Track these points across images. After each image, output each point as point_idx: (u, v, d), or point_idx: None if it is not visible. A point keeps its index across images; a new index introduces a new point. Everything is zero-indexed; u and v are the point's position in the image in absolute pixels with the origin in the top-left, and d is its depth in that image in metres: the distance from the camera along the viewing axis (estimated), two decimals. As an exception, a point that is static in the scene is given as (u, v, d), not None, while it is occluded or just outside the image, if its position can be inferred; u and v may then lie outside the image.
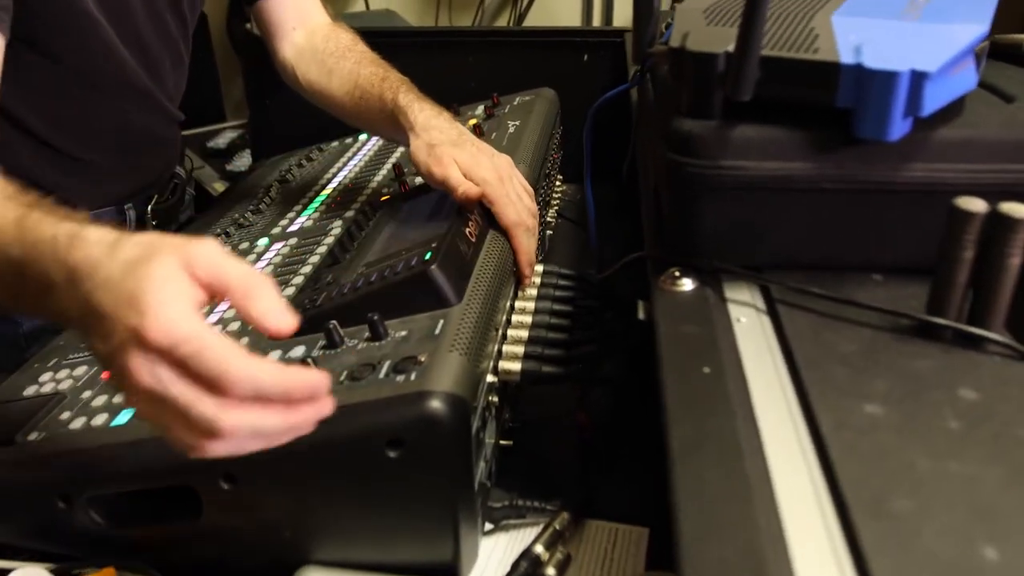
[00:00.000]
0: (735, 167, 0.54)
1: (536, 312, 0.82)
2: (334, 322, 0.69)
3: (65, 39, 0.92)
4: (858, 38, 0.52)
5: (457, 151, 0.86)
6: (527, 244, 0.85)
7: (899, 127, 0.50)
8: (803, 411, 0.45)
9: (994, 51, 0.65)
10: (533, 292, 0.85)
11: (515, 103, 1.30)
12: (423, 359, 0.63)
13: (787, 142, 0.53)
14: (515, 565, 0.64)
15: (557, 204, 1.28)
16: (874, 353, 0.49)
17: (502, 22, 2.18)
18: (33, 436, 0.69)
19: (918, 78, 0.49)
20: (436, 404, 0.58)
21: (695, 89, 0.55)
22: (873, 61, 0.49)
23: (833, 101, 0.52)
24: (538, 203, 0.94)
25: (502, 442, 0.77)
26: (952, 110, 0.55)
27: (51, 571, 0.66)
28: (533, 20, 2.11)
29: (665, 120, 0.57)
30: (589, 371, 0.74)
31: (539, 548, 0.65)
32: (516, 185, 0.88)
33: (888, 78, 0.49)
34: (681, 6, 0.63)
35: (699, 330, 0.52)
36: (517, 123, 1.18)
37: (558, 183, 1.33)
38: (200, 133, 1.93)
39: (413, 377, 0.61)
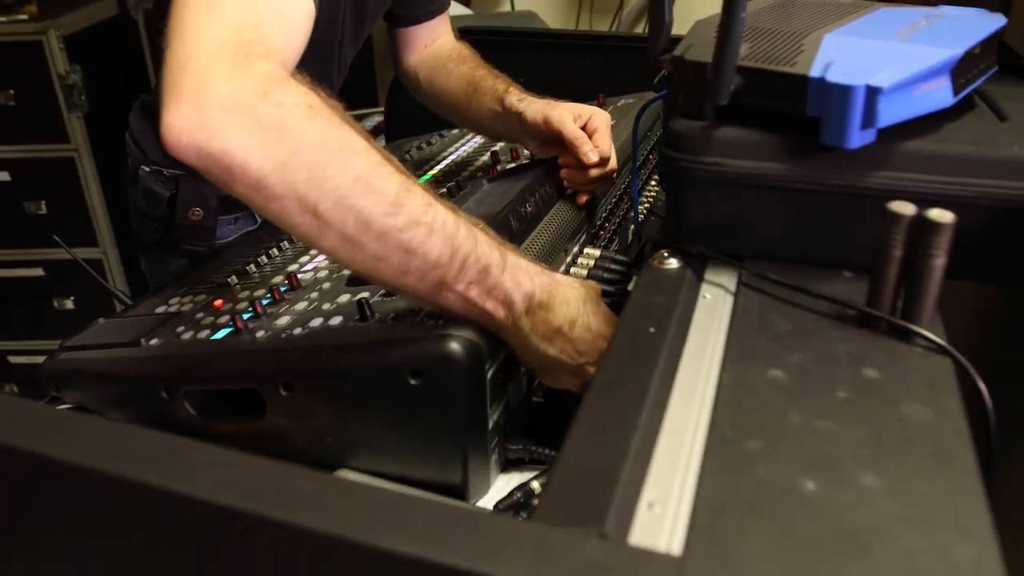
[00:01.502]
0: (717, 164, 0.62)
1: (581, 289, 0.91)
2: (392, 274, 0.81)
3: None
4: (835, 55, 0.59)
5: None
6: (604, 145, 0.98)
7: (858, 136, 0.56)
8: (719, 370, 0.52)
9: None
10: (583, 272, 0.94)
11: (619, 104, 1.39)
12: (455, 310, 0.74)
13: (763, 144, 0.60)
14: (510, 493, 0.74)
15: (649, 203, 1.36)
16: (805, 334, 0.55)
17: (639, 28, 2.26)
18: (153, 341, 0.87)
19: (872, 93, 0.55)
20: (453, 345, 0.69)
21: (690, 94, 0.63)
22: (835, 76, 0.56)
23: (804, 110, 0.58)
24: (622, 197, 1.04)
25: (533, 399, 0.87)
26: (930, 124, 0.60)
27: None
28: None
29: (665, 122, 0.65)
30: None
31: (535, 484, 0.74)
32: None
33: (845, 91, 0.55)
34: (700, 20, 0.70)
35: (665, 300, 0.60)
36: (614, 122, 1.26)
37: (653, 183, 1.40)
38: (352, 115, 2.13)
39: (441, 323, 0.72)
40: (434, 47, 1.26)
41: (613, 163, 1.01)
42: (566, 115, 1.00)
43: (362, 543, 0.38)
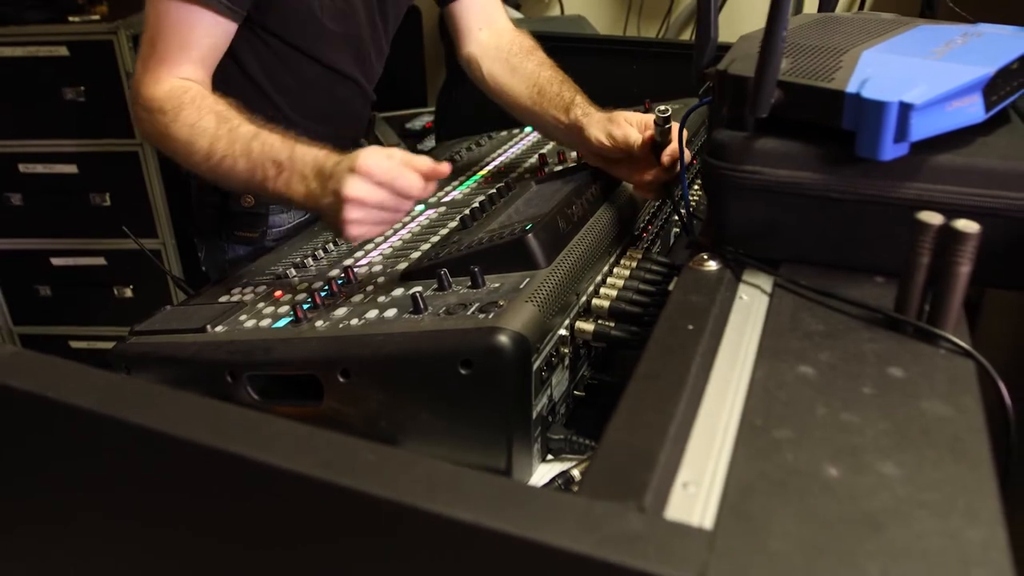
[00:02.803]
0: (756, 172, 0.65)
1: (623, 288, 0.95)
2: (445, 270, 0.86)
3: (303, 35, 1.17)
4: (871, 72, 0.62)
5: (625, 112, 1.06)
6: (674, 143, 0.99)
7: (891, 149, 0.60)
8: (753, 366, 0.56)
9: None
10: (627, 272, 0.98)
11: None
12: (503, 304, 0.78)
13: (800, 154, 0.64)
14: (551, 480, 0.78)
15: (692, 206, 1.39)
16: (835, 334, 0.59)
17: (687, 35, 2.28)
18: (218, 328, 0.93)
19: (905, 109, 0.58)
20: (502, 338, 0.74)
21: (732, 105, 0.66)
22: (870, 92, 0.59)
23: (840, 123, 0.62)
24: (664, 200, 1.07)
25: (576, 392, 0.91)
26: (962, 137, 0.63)
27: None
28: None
29: (709, 131, 0.68)
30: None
31: (575, 472, 0.78)
32: None
33: (879, 107, 0.59)
34: (744, 36, 0.74)
35: (703, 300, 0.64)
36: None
37: (696, 187, 1.43)
38: (402, 115, 2.19)
39: (491, 316, 0.77)
40: (493, 35, 1.27)
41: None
42: (627, 127, 1.03)
43: (422, 509, 0.42)
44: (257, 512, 0.49)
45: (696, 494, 0.45)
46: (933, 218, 0.55)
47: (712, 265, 0.69)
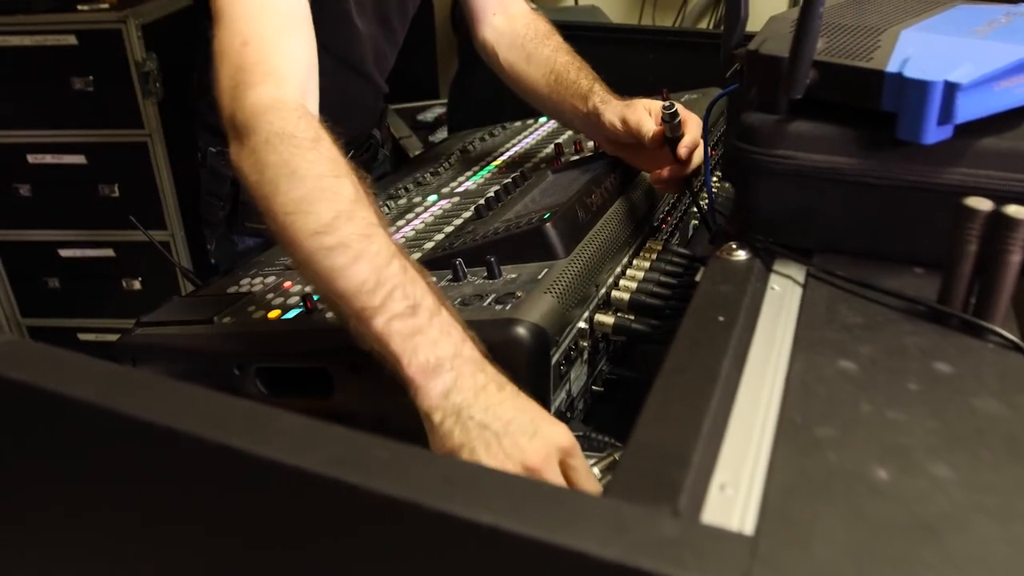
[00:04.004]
0: (789, 156, 0.62)
1: (644, 280, 0.91)
2: (460, 260, 0.83)
3: (333, 33, 1.13)
4: (912, 51, 0.58)
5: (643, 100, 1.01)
6: (693, 133, 0.96)
7: (934, 132, 0.56)
8: (788, 359, 0.53)
9: None
10: (647, 264, 0.95)
11: (683, 99, 1.39)
12: (520, 295, 0.75)
13: (836, 138, 0.61)
14: (571, 479, 0.75)
15: (715, 193, 1.35)
16: (875, 327, 0.55)
17: (703, 24, 2.25)
18: (226, 319, 0.90)
19: (950, 89, 0.55)
20: (520, 330, 0.71)
21: (763, 87, 0.63)
22: (912, 71, 0.56)
23: (879, 105, 0.58)
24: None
25: (594, 387, 0.88)
26: (1008, 120, 0.59)
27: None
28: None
29: (734, 116, 0.65)
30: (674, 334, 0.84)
31: (595, 470, 0.75)
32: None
33: (923, 87, 0.55)
34: (774, 16, 0.70)
35: (733, 290, 0.61)
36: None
37: (715, 179, 1.40)
38: (414, 107, 2.17)
39: (508, 307, 0.74)
40: (508, 20, 1.23)
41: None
42: (643, 114, 0.99)
43: (438, 510, 0.39)
44: (261, 510, 0.46)
45: (734, 496, 0.42)
46: (982, 204, 0.52)
47: (741, 254, 0.66)
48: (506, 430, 0.61)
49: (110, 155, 2.05)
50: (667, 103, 0.94)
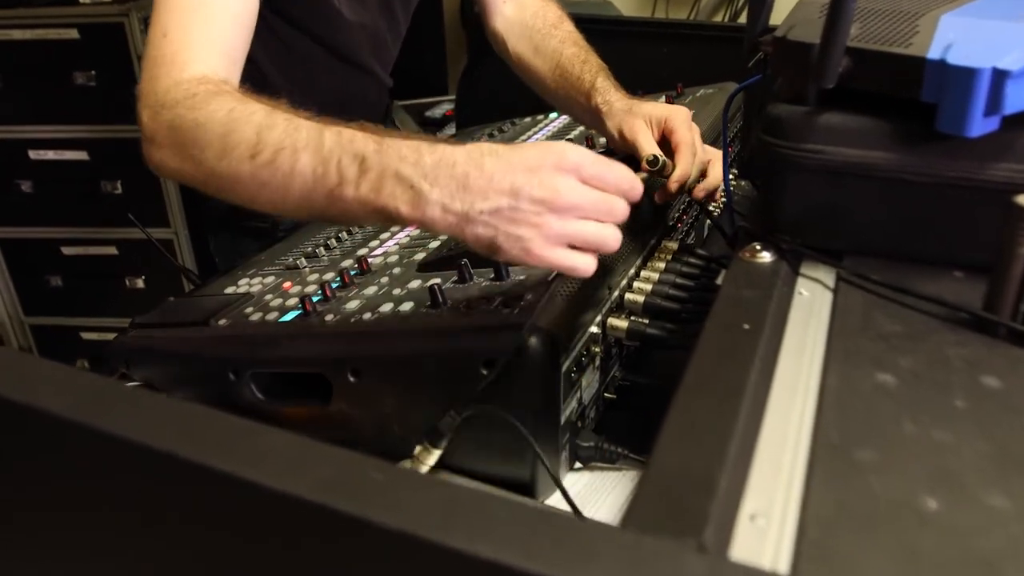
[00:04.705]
0: (818, 151, 0.57)
1: (659, 283, 0.87)
2: (466, 260, 0.79)
3: (315, 20, 1.10)
4: (954, 36, 0.54)
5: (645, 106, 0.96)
6: (684, 167, 0.91)
7: (980, 124, 0.52)
8: (821, 372, 0.48)
9: None
10: (662, 265, 0.91)
11: (697, 94, 1.34)
12: (530, 298, 0.71)
13: (871, 131, 0.56)
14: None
15: (732, 189, 1.31)
16: (914, 336, 0.51)
17: (718, 17, 2.20)
18: (222, 322, 0.86)
19: (999, 76, 0.50)
20: (529, 336, 0.66)
21: (792, 77, 0.59)
22: (956, 58, 0.51)
23: (919, 95, 0.54)
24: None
25: (606, 394, 0.84)
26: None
27: (217, 429, 0.82)
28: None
29: (764, 105, 0.61)
30: (690, 339, 0.79)
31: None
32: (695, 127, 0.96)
33: (968, 75, 0.51)
34: (802, 0, 0.66)
35: (758, 295, 0.56)
36: (692, 113, 1.22)
37: (731, 176, 1.35)
38: (422, 103, 2.13)
39: (516, 312, 0.69)
40: (518, 8, 1.19)
41: (703, 157, 0.95)
42: (641, 129, 0.94)
43: (436, 543, 0.35)
44: (244, 537, 0.42)
45: (766, 528, 0.38)
46: (1034, 202, 0.47)
47: (766, 256, 0.61)
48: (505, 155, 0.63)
49: (113, 151, 2.02)
50: (650, 156, 0.89)
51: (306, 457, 0.40)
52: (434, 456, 0.67)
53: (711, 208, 1.18)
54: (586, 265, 0.66)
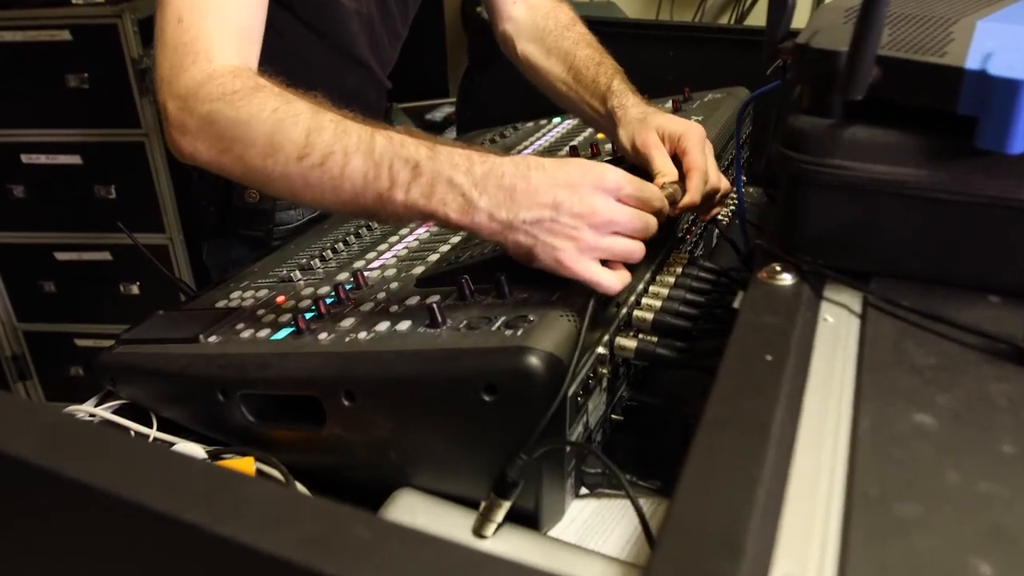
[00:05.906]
0: (845, 167, 0.54)
1: (668, 299, 0.83)
2: (466, 276, 0.75)
3: (316, 10, 1.06)
4: (994, 45, 0.50)
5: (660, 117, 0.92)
6: (693, 195, 0.86)
7: (1023, 140, 0.48)
8: (852, 410, 0.45)
9: None
10: (671, 280, 0.87)
11: (705, 99, 1.30)
12: (533, 318, 0.67)
13: (902, 146, 0.52)
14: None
15: (733, 204, 1.27)
16: (951, 369, 0.47)
17: (724, 19, 2.16)
18: (212, 338, 0.82)
19: (1046, 89, 0.46)
20: (532, 360, 0.63)
21: (815, 86, 0.55)
22: (998, 68, 0.47)
23: (955, 108, 0.50)
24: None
25: (613, 416, 0.80)
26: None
27: (206, 451, 0.78)
28: (756, 20, 2.07)
29: (784, 117, 0.57)
30: (701, 358, 0.75)
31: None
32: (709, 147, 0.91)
33: (1012, 87, 0.47)
34: (826, 3, 0.62)
35: (779, 321, 0.52)
36: (700, 118, 1.18)
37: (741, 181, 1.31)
38: (422, 106, 2.09)
39: (519, 333, 0.65)
40: (528, 9, 1.15)
41: (716, 184, 0.90)
42: (654, 143, 0.89)
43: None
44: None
45: (801, 597, 0.34)
46: (1085, 226, 0.44)
47: (786, 278, 0.58)
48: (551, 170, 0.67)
49: (106, 155, 1.99)
50: (667, 193, 0.84)
51: (287, 511, 0.36)
52: (504, 509, 0.66)
53: (720, 217, 1.14)
54: (610, 283, 0.68)
